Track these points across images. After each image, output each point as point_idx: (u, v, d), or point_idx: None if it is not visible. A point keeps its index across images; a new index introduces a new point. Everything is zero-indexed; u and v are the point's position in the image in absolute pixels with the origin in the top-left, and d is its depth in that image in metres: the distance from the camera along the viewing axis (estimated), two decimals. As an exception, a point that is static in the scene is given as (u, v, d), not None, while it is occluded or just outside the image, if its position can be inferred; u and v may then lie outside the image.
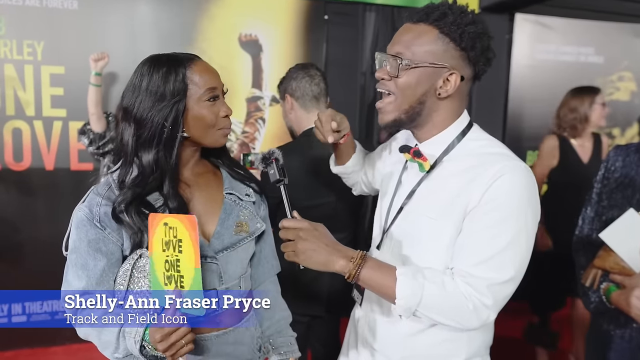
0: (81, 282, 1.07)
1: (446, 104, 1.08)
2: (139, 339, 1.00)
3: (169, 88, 1.08)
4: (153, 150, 1.09)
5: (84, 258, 1.08)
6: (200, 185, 1.20)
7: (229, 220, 1.19)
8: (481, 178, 1.00)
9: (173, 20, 3.05)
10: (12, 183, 2.91)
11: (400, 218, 1.14)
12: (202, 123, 1.12)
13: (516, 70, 3.76)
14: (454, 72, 1.04)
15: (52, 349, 2.96)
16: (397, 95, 1.06)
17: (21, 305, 2.99)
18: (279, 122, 3.32)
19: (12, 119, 2.87)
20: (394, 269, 1.01)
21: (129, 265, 1.07)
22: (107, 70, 2.94)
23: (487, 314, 1.00)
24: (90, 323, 1.04)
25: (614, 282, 1.37)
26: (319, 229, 1.02)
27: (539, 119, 3.87)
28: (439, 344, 1.11)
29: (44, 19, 2.84)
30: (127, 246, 1.10)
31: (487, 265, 0.99)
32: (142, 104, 1.08)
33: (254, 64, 3.23)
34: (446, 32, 1.03)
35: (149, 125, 1.08)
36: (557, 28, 3.80)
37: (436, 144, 1.11)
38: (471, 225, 1.01)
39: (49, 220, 2.94)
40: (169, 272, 1.01)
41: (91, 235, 1.08)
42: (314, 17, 3.29)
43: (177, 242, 1.00)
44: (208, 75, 1.13)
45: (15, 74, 2.84)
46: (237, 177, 1.26)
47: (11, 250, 2.94)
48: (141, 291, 1.07)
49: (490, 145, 1.09)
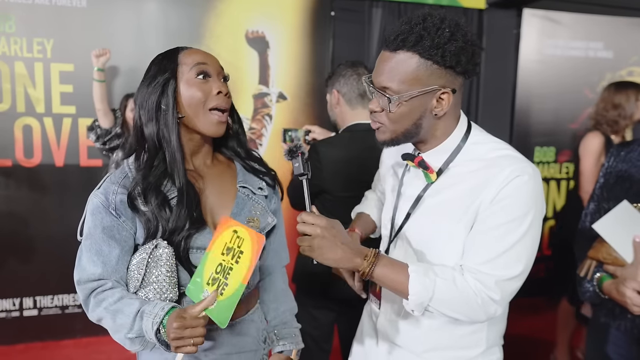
0: (97, 269, 1.09)
1: (444, 118, 1.08)
2: (158, 321, 1.01)
3: (159, 69, 1.14)
4: (154, 127, 1.13)
5: (99, 244, 1.10)
6: (213, 177, 1.21)
7: (241, 215, 1.20)
8: (494, 181, 1.02)
9: (180, 18, 3.07)
10: (23, 179, 2.96)
11: (408, 224, 1.15)
12: (193, 101, 1.13)
13: (524, 66, 3.74)
14: (445, 91, 1.03)
15: (62, 342, 3.00)
16: (390, 125, 1.06)
17: (32, 299, 3.04)
18: (286, 118, 3.34)
19: (23, 115, 2.91)
20: (406, 267, 1.04)
21: (145, 255, 1.09)
22: (114, 68, 2.97)
23: (494, 308, 1.04)
24: (106, 307, 1.07)
25: (607, 273, 1.39)
26: (335, 227, 1.03)
27: (547, 114, 3.84)
28: (460, 337, 1.14)
29: (54, 17, 2.88)
30: (140, 235, 1.12)
31: (496, 263, 1.02)
32: (141, 90, 1.15)
33: (260, 61, 3.25)
34: (427, 57, 1.00)
35: (146, 106, 1.13)
36: (566, 23, 3.76)
37: (439, 153, 1.11)
38: (481, 224, 1.04)
39: (59, 216, 2.99)
40: (218, 275, 1.04)
41: (106, 222, 1.11)
42: (320, 14, 3.30)
43: (239, 253, 1.03)
44: (197, 54, 1.16)
45: (26, 72, 2.88)
46: (251, 170, 1.27)
47: (22, 245, 2.99)
48: (158, 282, 1.09)
49: (497, 148, 1.10)
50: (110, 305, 1.07)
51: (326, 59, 3.33)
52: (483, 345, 1.15)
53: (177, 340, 0.99)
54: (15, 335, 3.00)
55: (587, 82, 3.85)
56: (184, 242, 1.11)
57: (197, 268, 1.07)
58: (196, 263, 1.12)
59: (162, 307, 1.03)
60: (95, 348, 2.97)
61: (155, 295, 1.09)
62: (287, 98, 3.33)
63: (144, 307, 1.05)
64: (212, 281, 1.04)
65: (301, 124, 3.32)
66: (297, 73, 3.32)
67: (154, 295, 1.09)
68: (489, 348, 1.16)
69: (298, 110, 3.35)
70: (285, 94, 3.32)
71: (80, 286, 1.11)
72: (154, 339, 1.02)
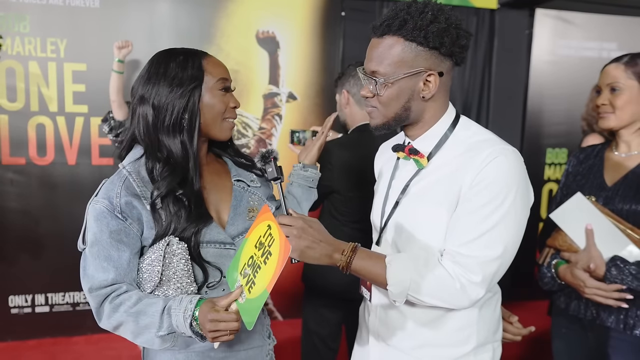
0: (109, 274, 1.09)
1: (432, 102, 1.11)
2: (190, 314, 1.03)
3: (187, 74, 1.13)
4: (178, 136, 1.13)
5: (107, 250, 1.10)
6: (211, 174, 1.25)
7: (241, 207, 1.24)
8: (472, 163, 1.05)
9: (192, 18, 3.09)
10: (36, 177, 2.99)
11: (396, 212, 1.17)
12: (214, 111, 1.17)
13: (536, 67, 3.71)
14: (431, 73, 1.07)
15: (74, 338, 3.03)
16: (381, 109, 1.11)
17: (44, 296, 3.08)
18: (295, 118, 3.34)
19: (36, 114, 2.95)
20: (384, 258, 1.06)
21: (160, 253, 1.09)
22: (126, 69, 2.99)
23: (475, 292, 1.03)
24: (126, 310, 1.07)
25: (562, 259, 1.52)
26: (313, 226, 1.06)
27: (559, 116, 3.80)
28: (448, 334, 1.13)
29: (67, 17, 2.91)
30: (147, 235, 1.13)
31: (476, 244, 1.03)
32: (160, 90, 1.12)
33: (271, 61, 3.25)
34: (411, 39, 1.04)
35: (170, 112, 1.12)
36: (579, 23, 3.72)
37: (428, 139, 1.14)
38: (462, 207, 1.06)
39: (70, 213, 3.02)
40: (249, 269, 1.04)
41: (112, 226, 1.10)
42: (331, 14, 3.30)
43: (268, 253, 1.01)
44: (221, 68, 1.20)
45: (39, 71, 2.92)
46: (241, 165, 1.31)
47: (34, 242, 3.02)
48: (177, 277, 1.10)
49: (479, 133, 1.13)
50: (130, 307, 1.07)
51: (336, 59, 3.33)
52: (473, 343, 1.14)
53: (214, 332, 1.01)
54: (28, 331, 3.04)
55: (601, 83, 3.80)
56: (194, 238, 1.12)
57: (237, 252, 1.11)
58: (207, 258, 1.14)
59: (190, 300, 1.05)
60: (106, 345, 3.00)
61: (175, 291, 1.10)
62: (297, 98, 3.33)
63: (169, 303, 1.06)
64: (244, 273, 1.05)
65: (311, 124, 3.33)
66: (307, 73, 3.32)
67: (174, 291, 1.10)
68: (481, 346, 1.15)
69: (308, 110, 3.35)
70: (295, 93, 3.33)
71: (92, 294, 1.10)
72: (188, 332, 1.04)
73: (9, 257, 3.00)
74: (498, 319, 1.21)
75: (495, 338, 1.20)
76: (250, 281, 1.03)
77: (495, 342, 1.20)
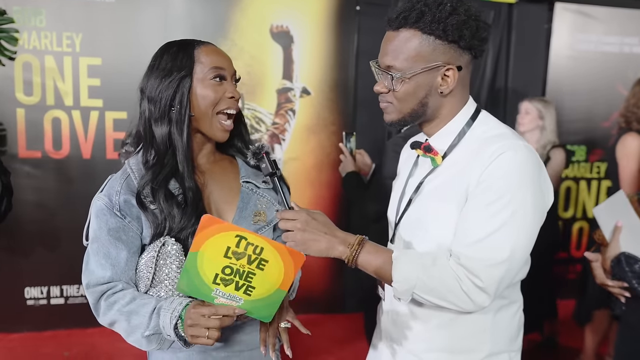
0: (106, 272, 1.08)
1: (450, 97, 1.07)
2: (176, 315, 1.00)
3: (176, 64, 1.11)
4: (165, 126, 1.11)
5: (106, 247, 1.09)
6: (216, 173, 1.21)
7: (247, 210, 1.19)
8: (480, 159, 1.00)
9: (206, 12, 3.08)
10: (52, 170, 3.02)
11: (409, 210, 1.15)
12: (205, 102, 1.12)
13: (555, 62, 3.63)
14: (450, 67, 1.02)
15: (88, 330, 3.06)
16: (397, 104, 1.06)
17: (59, 288, 3.11)
18: (309, 113, 3.32)
19: (52, 108, 2.97)
20: (391, 253, 1.02)
21: (154, 253, 1.08)
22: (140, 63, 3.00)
23: (480, 297, 0.98)
24: (119, 309, 1.06)
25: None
26: (317, 218, 1.03)
27: (578, 112, 3.72)
28: (461, 338, 1.09)
29: (83, 12, 2.93)
30: (146, 234, 1.11)
31: (481, 246, 0.97)
32: (153, 81, 1.12)
33: (285, 55, 3.24)
34: (429, 32, 1.00)
35: (158, 102, 1.10)
36: (600, 17, 3.63)
37: (445, 136, 1.10)
38: (469, 205, 1.01)
39: (85, 206, 3.02)
40: (232, 277, 0.99)
41: (111, 224, 1.09)
42: (345, 8, 3.27)
43: (260, 260, 0.98)
44: (215, 56, 1.14)
45: (55, 65, 2.94)
46: (254, 165, 1.26)
47: (50, 234, 3.06)
48: (169, 279, 1.08)
49: (494, 128, 1.08)
50: (124, 306, 1.06)
51: (351, 54, 3.30)
52: (486, 350, 1.09)
53: (192, 328, 0.97)
54: (43, 322, 3.08)
55: (621, 79, 3.71)
56: (190, 239, 1.09)
57: (187, 266, 0.98)
58: None
59: (180, 302, 1.02)
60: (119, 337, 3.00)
61: (167, 292, 1.08)
62: (311, 93, 3.31)
63: (160, 303, 1.04)
64: (223, 281, 1.00)
65: (324, 120, 3.30)
66: (321, 68, 3.30)
67: (166, 292, 1.08)
68: (495, 354, 1.10)
69: (322, 106, 3.33)
70: (309, 89, 3.30)
71: (90, 290, 1.09)
72: (172, 335, 1.01)
73: (24, 249, 3.04)
74: (518, 327, 1.15)
75: (512, 347, 1.14)
76: (242, 286, 1.00)
77: (513, 351, 1.15)
